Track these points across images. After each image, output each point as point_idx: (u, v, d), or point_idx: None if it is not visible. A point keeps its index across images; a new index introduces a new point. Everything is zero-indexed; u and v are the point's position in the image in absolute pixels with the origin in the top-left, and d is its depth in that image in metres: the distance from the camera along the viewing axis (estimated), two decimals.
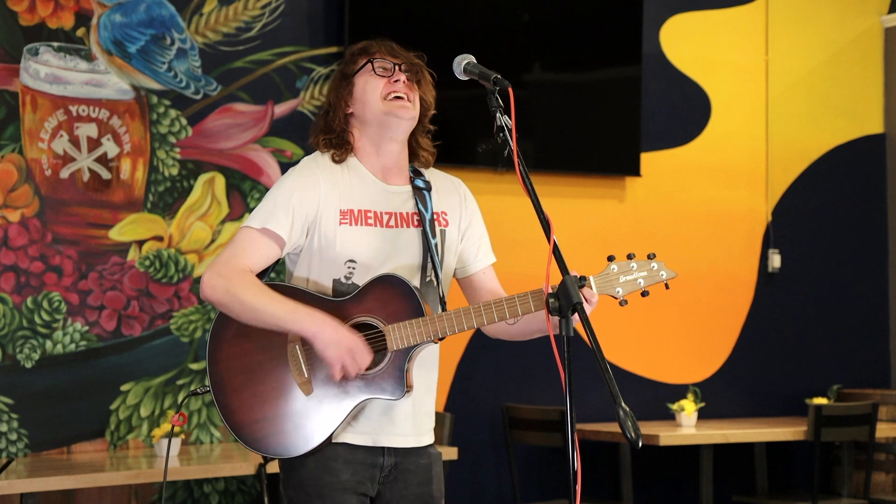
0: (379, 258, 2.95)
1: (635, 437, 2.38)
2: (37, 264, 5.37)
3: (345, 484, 2.94)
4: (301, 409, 2.91)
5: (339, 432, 2.93)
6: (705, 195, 7.09)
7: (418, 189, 3.05)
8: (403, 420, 2.99)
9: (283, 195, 2.95)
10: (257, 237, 2.93)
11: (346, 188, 2.98)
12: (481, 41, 6.25)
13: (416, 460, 3.03)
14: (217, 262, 2.93)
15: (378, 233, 2.97)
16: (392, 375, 2.89)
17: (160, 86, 5.64)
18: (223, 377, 2.95)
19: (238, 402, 2.93)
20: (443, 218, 3.07)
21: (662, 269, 2.99)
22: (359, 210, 2.97)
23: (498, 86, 2.79)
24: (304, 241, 2.96)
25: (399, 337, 2.88)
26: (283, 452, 2.93)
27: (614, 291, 2.92)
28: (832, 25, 7.52)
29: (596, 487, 6.52)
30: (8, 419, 5.28)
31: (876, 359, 7.60)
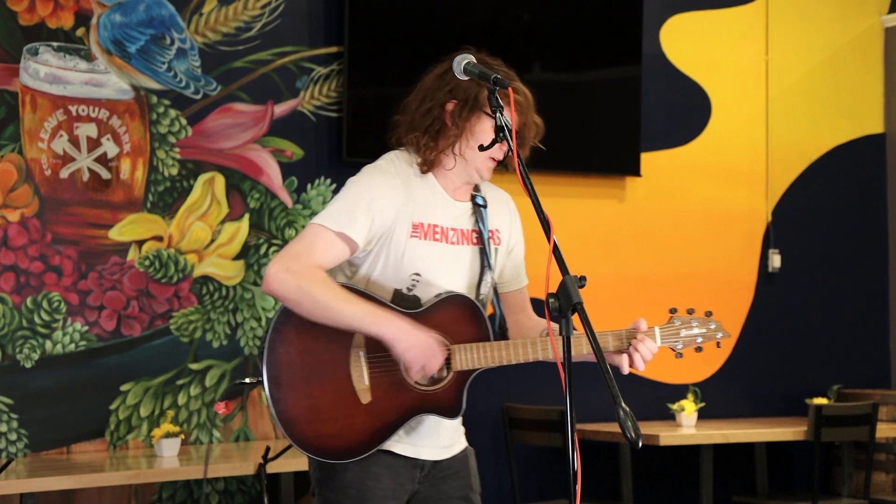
0: (442, 274, 2.96)
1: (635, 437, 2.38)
2: (36, 264, 5.37)
3: (385, 490, 2.94)
4: (357, 416, 2.88)
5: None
6: (705, 195, 7.09)
7: (477, 206, 3.05)
8: (446, 434, 3.03)
9: (363, 199, 2.90)
10: (332, 239, 2.89)
11: (419, 200, 2.96)
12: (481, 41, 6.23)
13: (452, 458, 3.07)
14: (285, 257, 2.87)
15: (443, 248, 2.97)
16: (451, 395, 2.92)
17: (160, 86, 5.64)
18: (280, 372, 2.89)
19: (293, 399, 2.88)
20: (497, 236, 3.08)
21: (720, 329, 3.09)
22: (429, 224, 2.96)
23: (498, 86, 2.80)
24: (374, 247, 2.93)
25: (464, 359, 2.90)
26: (333, 457, 2.91)
27: (674, 345, 3.05)
28: (832, 25, 7.52)
29: (596, 487, 6.51)
30: (8, 419, 5.28)
31: (876, 359, 7.60)
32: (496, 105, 2.81)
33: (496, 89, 2.81)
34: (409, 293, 2.94)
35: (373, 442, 2.90)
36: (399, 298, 2.94)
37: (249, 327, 5.78)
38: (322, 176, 5.98)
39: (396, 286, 2.94)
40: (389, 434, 2.91)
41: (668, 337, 3.02)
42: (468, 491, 3.08)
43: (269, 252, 5.83)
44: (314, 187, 5.95)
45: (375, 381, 2.89)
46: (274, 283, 2.85)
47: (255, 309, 5.79)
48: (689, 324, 3.05)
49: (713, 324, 3.07)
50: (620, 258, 6.79)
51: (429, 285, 2.94)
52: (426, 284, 2.94)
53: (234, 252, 5.77)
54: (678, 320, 3.04)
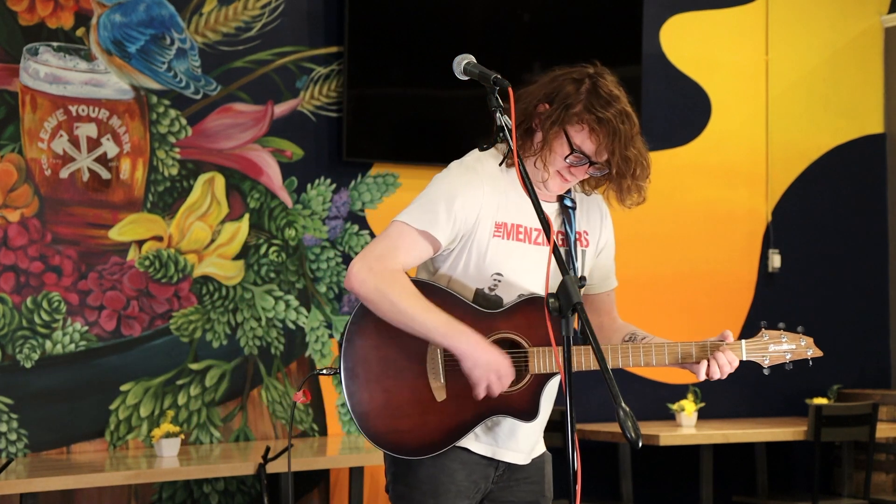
0: (524, 274, 2.93)
1: (635, 437, 2.38)
2: (36, 264, 5.37)
3: (459, 487, 2.93)
4: (430, 413, 2.87)
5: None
6: (705, 195, 7.09)
7: (565, 207, 3.02)
8: (525, 439, 3.01)
9: (447, 197, 2.87)
10: (415, 238, 2.86)
11: (504, 199, 2.92)
12: (481, 41, 6.25)
13: (529, 464, 3.06)
14: (368, 256, 2.85)
15: (526, 249, 2.94)
16: (527, 398, 2.90)
17: (160, 86, 5.64)
18: (357, 365, 2.88)
19: (368, 393, 2.87)
20: (584, 238, 3.07)
21: (810, 346, 3.11)
22: (512, 224, 2.93)
23: (498, 86, 2.79)
24: (457, 246, 2.91)
25: (542, 362, 2.88)
26: (405, 453, 2.90)
27: (762, 360, 3.08)
28: (832, 25, 7.52)
29: (596, 487, 6.51)
30: (8, 419, 5.28)
31: (876, 359, 7.60)
32: (496, 105, 2.80)
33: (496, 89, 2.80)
34: (490, 293, 2.92)
35: (446, 440, 2.89)
36: (480, 298, 2.92)
37: (249, 327, 5.78)
38: (322, 176, 5.98)
39: (478, 286, 2.92)
40: (462, 433, 2.90)
41: (755, 351, 3.05)
42: (539, 497, 3.06)
43: (269, 252, 5.83)
44: (314, 187, 5.95)
45: (451, 380, 2.87)
46: (356, 283, 2.84)
47: (254, 309, 5.79)
48: (778, 339, 3.07)
49: (804, 341, 3.09)
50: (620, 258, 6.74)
51: (511, 286, 2.91)
52: (508, 285, 2.91)
53: (234, 252, 5.77)
54: (767, 335, 3.06)
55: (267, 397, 5.79)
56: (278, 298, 5.84)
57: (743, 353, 3.02)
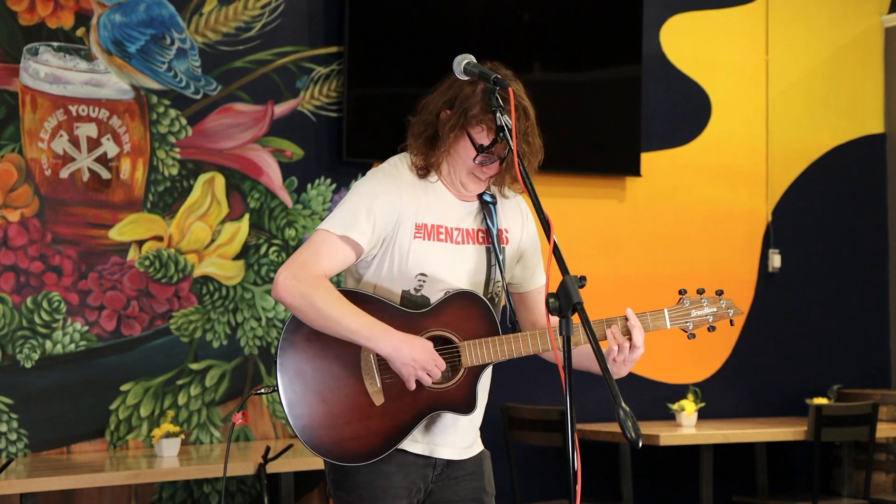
0: (447, 273, 2.97)
1: (635, 437, 2.38)
2: (36, 264, 5.37)
3: (397, 489, 2.95)
4: (372, 418, 2.90)
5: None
6: (705, 195, 7.09)
7: (485, 203, 3.05)
8: (461, 433, 3.03)
9: (366, 202, 2.92)
10: (336, 243, 2.91)
11: (423, 201, 2.97)
12: (481, 41, 6.24)
13: (467, 460, 3.08)
14: (292, 264, 2.90)
15: (447, 248, 2.98)
16: (464, 391, 2.94)
17: (160, 86, 5.64)
18: (294, 378, 2.91)
19: (308, 405, 2.90)
20: (505, 235, 3.08)
21: (731, 307, 3.07)
22: (432, 225, 2.97)
23: (498, 86, 2.80)
24: (379, 250, 2.95)
25: (474, 354, 2.92)
26: (353, 460, 2.92)
27: (686, 325, 3.02)
28: (832, 25, 7.52)
29: (596, 487, 6.51)
30: (8, 419, 5.28)
31: (876, 359, 7.60)
32: (496, 105, 2.81)
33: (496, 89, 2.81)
34: (416, 294, 2.96)
35: (390, 442, 2.92)
36: (407, 300, 2.95)
37: (249, 327, 5.78)
38: (322, 176, 5.98)
39: (404, 287, 2.95)
40: (405, 434, 2.92)
41: (678, 318, 3.01)
42: (482, 493, 3.08)
43: (269, 252, 5.83)
44: (314, 187, 5.95)
45: (387, 383, 2.90)
46: (281, 291, 2.88)
47: (255, 309, 5.79)
48: (699, 304, 3.03)
49: (724, 301, 3.05)
50: (620, 258, 6.79)
51: (435, 285, 2.95)
52: (433, 284, 2.95)
53: (234, 252, 5.77)
54: (688, 301, 3.03)
55: (267, 397, 5.79)
56: None
57: (667, 321, 2.99)
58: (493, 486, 3.14)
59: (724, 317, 3.06)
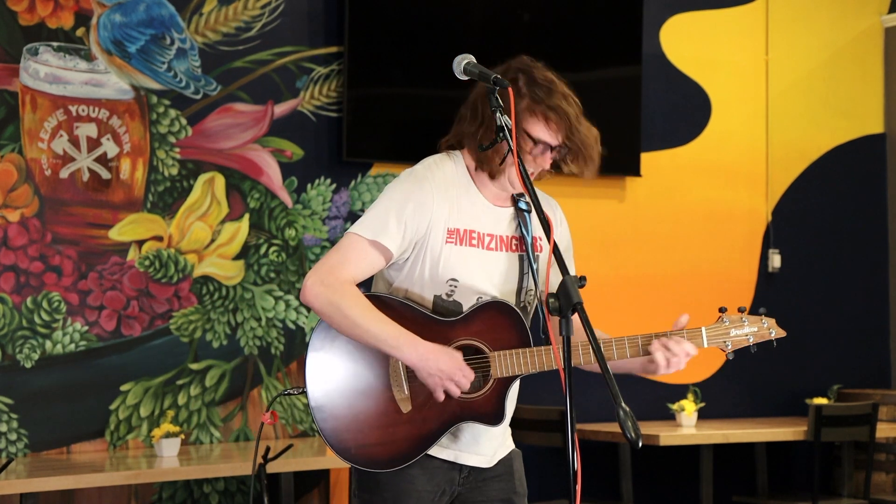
0: (480, 279, 2.94)
1: (635, 437, 2.38)
2: (36, 264, 5.37)
3: (421, 492, 2.94)
4: (398, 425, 2.89)
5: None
6: (705, 195, 7.09)
7: (520, 211, 3.03)
8: (488, 442, 3.01)
9: (396, 206, 2.89)
10: (366, 248, 2.88)
11: (455, 205, 2.94)
12: (481, 41, 6.24)
13: (497, 463, 3.06)
14: (321, 269, 2.87)
15: (480, 254, 2.95)
16: (492, 402, 2.91)
17: (160, 86, 5.64)
18: (321, 381, 2.91)
19: (334, 409, 2.89)
20: (539, 243, 3.06)
21: (773, 327, 3.07)
22: (465, 230, 2.94)
23: (498, 86, 2.80)
24: (410, 254, 2.92)
25: (504, 365, 2.89)
26: (374, 466, 2.91)
27: (724, 345, 3.03)
28: (832, 25, 7.52)
29: (596, 487, 6.51)
30: (8, 419, 5.28)
31: (876, 359, 7.60)
32: (496, 105, 2.81)
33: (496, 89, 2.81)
34: (448, 299, 2.93)
35: (416, 450, 2.90)
36: (440, 305, 2.93)
37: (249, 327, 5.78)
38: (322, 176, 5.98)
39: (436, 292, 2.93)
40: (432, 442, 2.91)
41: (717, 336, 3.01)
42: (511, 494, 3.06)
43: (269, 252, 5.83)
44: (314, 187, 5.95)
45: (415, 391, 2.89)
46: (310, 296, 2.86)
47: (255, 309, 5.79)
48: (739, 323, 3.03)
49: (766, 322, 3.04)
50: (620, 258, 6.79)
51: (467, 291, 2.92)
52: (465, 290, 2.92)
53: (234, 252, 5.77)
54: (728, 319, 3.02)
55: (267, 397, 5.79)
56: (278, 298, 5.84)
57: (704, 340, 3.00)
58: (525, 486, 3.11)
59: (764, 337, 3.05)
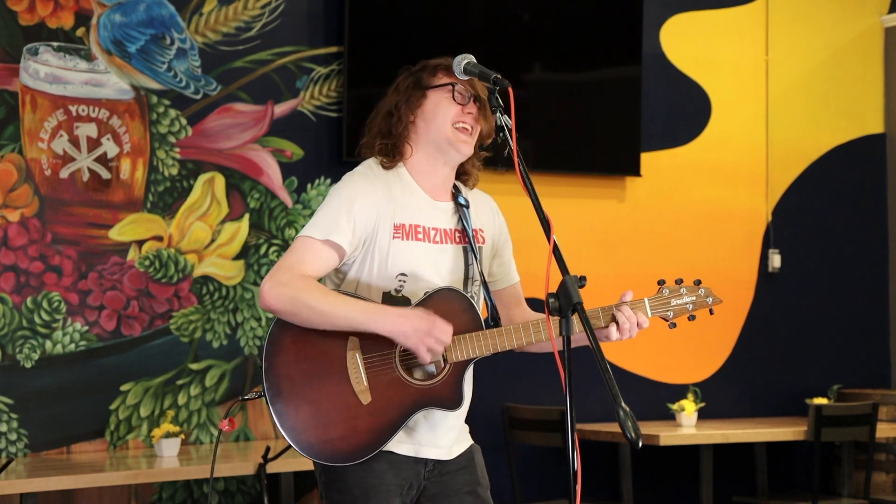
0: (428, 272, 2.99)
1: (635, 437, 2.39)
2: (36, 264, 5.37)
3: (389, 487, 2.96)
4: (359, 417, 2.91)
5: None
6: (705, 195, 7.09)
7: (460, 206, 3.08)
8: (446, 433, 3.04)
9: (344, 205, 2.95)
10: (319, 247, 2.93)
11: (399, 202, 3.00)
12: (481, 41, 6.25)
13: (458, 456, 3.10)
14: (277, 272, 2.91)
15: (426, 248, 3.01)
16: (450, 387, 2.95)
17: (160, 86, 5.64)
18: (279, 382, 2.93)
19: (294, 407, 2.91)
20: (480, 235, 3.12)
21: (710, 294, 3.10)
22: (410, 225, 3.00)
23: (498, 86, 2.81)
24: (360, 253, 2.97)
25: (459, 350, 2.93)
26: (341, 460, 2.93)
27: (666, 315, 3.06)
28: (832, 25, 7.52)
29: (596, 487, 6.51)
30: (8, 419, 5.28)
31: (876, 359, 7.60)
32: (496, 105, 2.83)
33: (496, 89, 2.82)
34: (397, 294, 2.98)
35: (378, 441, 2.93)
36: (388, 300, 2.98)
37: (249, 327, 5.78)
38: (322, 176, 5.98)
39: (385, 288, 2.98)
40: (394, 431, 2.93)
41: (659, 307, 3.05)
42: (476, 486, 3.10)
43: (269, 252, 5.83)
44: (314, 187, 5.95)
45: (374, 381, 2.92)
46: (269, 299, 2.90)
47: (255, 309, 5.79)
48: (678, 293, 3.07)
49: (703, 290, 3.09)
50: (620, 258, 6.79)
51: (416, 284, 2.98)
52: (414, 284, 2.98)
53: (234, 252, 5.77)
54: (667, 290, 3.07)
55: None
56: None
57: (647, 310, 3.03)
58: (487, 479, 3.15)
59: (703, 305, 3.09)
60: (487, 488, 3.13)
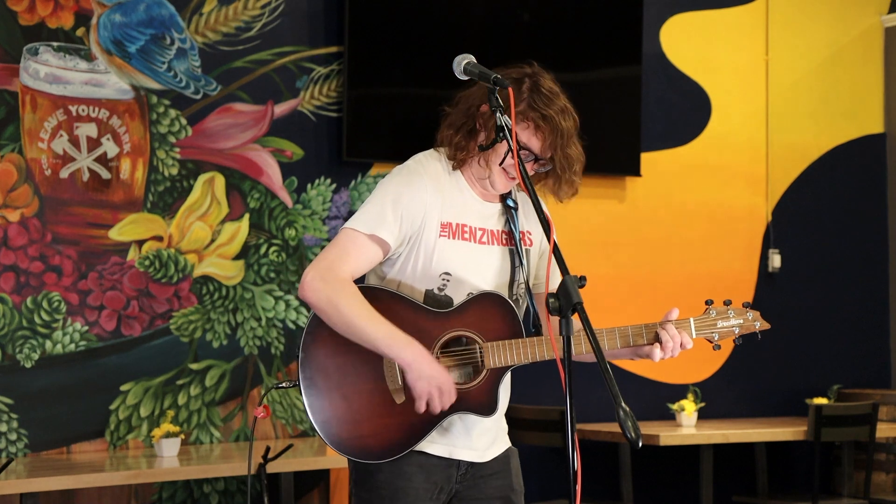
0: (472, 272, 2.96)
1: (635, 437, 2.38)
2: (36, 264, 5.37)
3: (418, 490, 2.94)
4: (391, 416, 2.89)
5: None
6: (705, 195, 7.09)
7: (508, 208, 3.05)
8: (482, 435, 3.02)
9: (392, 199, 2.90)
10: (364, 242, 2.89)
11: (448, 200, 2.96)
12: (481, 41, 6.24)
13: (493, 459, 3.07)
14: (320, 265, 2.88)
15: (472, 248, 2.97)
16: (485, 393, 2.93)
17: (160, 85, 5.64)
18: (315, 374, 2.90)
19: (327, 401, 2.90)
20: (528, 237, 3.08)
21: (757, 319, 3.07)
22: (457, 224, 2.96)
23: (498, 86, 2.80)
24: (405, 249, 2.94)
25: (497, 356, 2.91)
26: (367, 457, 2.91)
27: (711, 336, 3.04)
28: (832, 25, 7.52)
29: (596, 487, 6.51)
30: (8, 419, 5.28)
31: (876, 359, 7.60)
32: (496, 105, 2.81)
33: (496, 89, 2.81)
34: (440, 293, 2.94)
35: (409, 441, 2.91)
36: (430, 299, 2.94)
37: (249, 327, 5.78)
38: (322, 176, 5.98)
39: (427, 286, 2.94)
40: (425, 433, 2.91)
41: (704, 328, 3.03)
42: (509, 491, 3.07)
43: (269, 252, 5.83)
44: (314, 187, 5.95)
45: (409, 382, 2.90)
46: (308, 292, 2.87)
47: (255, 309, 5.79)
48: (725, 315, 3.04)
49: (751, 314, 3.06)
50: (620, 258, 6.79)
51: (460, 285, 2.94)
52: (457, 284, 2.94)
53: (234, 252, 5.77)
54: (714, 311, 3.04)
55: (267, 397, 5.79)
56: (278, 298, 5.84)
57: (692, 330, 3.01)
58: (522, 484, 3.13)
59: (750, 329, 3.06)
60: (521, 493, 3.10)
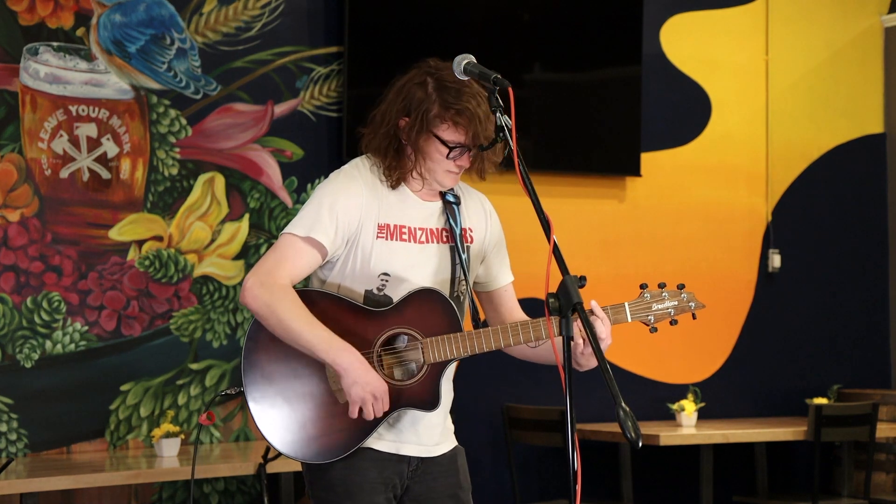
0: (411, 272, 3.00)
1: (635, 437, 2.38)
2: (36, 264, 5.37)
3: (373, 483, 2.98)
4: (335, 417, 2.94)
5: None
6: (705, 195, 7.09)
7: (449, 204, 3.08)
8: (427, 431, 3.05)
9: (328, 203, 2.95)
10: (301, 245, 2.94)
11: (385, 202, 3.00)
12: (481, 41, 6.24)
13: (441, 457, 3.10)
14: (260, 271, 2.93)
15: (411, 248, 3.01)
16: (427, 388, 2.96)
17: (160, 85, 5.64)
18: (259, 379, 2.96)
19: (273, 405, 2.95)
20: (469, 234, 3.11)
21: (692, 299, 3.06)
22: (395, 225, 3.00)
23: (498, 86, 2.81)
24: (343, 251, 2.98)
25: (437, 351, 2.94)
26: (315, 458, 2.96)
27: (647, 319, 3.02)
28: (832, 25, 7.52)
29: (596, 487, 6.51)
30: (8, 419, 5.28)
31: (876, 359, 7.60)
32: (496, 105, 2.82)
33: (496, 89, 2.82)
34: (379, 293, 2.99)
35: (357, 438, 2.95)
36: (370, 299, 2.99)
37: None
38: (322, 176, 5.98)
39: (367, 287, 2.99)
40: (371, 430, 2.95)
41: (639, 312, 3.01)
42: (457, 489, 3.11)
43: None
44: (314, 187, 5.95)
45: None
46: (248, 298, 2.93)
47: None
48: (660, 297, 3.04)
49: (685, 295, 3.05)
50: (620, 258, 6.79)
51: (399, 284, 2.98)
52: (396, 284, 2.98)
53: (234, 252, 5.77)
54: (649, 294, 3.03)
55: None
56: None
57: (627, 314, 2.99)
58: (469, 482, 3.17)
59: (685, 310, 3.05)
60: (469, 491, 3.15)
